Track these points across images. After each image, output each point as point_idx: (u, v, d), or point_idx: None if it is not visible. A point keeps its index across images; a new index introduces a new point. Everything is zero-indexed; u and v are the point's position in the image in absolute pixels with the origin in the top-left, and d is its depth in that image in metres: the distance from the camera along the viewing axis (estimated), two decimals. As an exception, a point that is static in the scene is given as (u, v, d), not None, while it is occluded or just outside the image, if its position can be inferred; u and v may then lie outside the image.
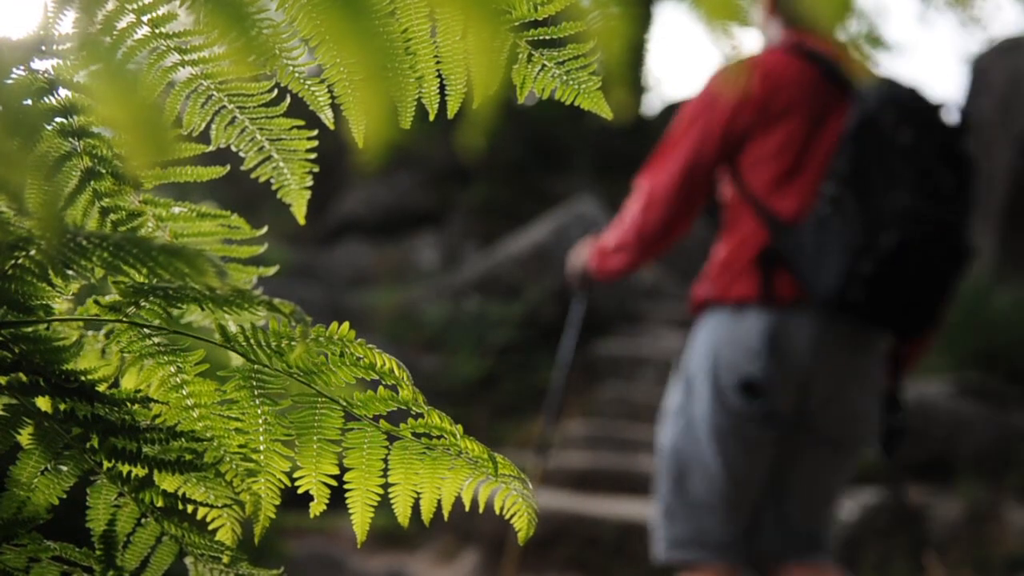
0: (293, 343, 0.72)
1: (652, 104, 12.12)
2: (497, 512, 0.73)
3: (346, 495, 0.74)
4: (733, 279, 2.18)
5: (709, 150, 2.15)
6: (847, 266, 2.00)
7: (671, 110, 11.71)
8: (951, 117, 2.08)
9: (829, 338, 2.12)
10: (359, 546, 0.74)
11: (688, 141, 2.17)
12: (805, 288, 2.07)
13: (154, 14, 0.70)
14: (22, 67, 0.69)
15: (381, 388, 0.74)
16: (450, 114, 0.72)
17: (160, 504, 0.72)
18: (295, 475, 0.74)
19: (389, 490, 0.74)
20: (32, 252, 0.67)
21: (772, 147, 2.12)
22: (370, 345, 0.73)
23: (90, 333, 0.78)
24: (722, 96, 2.13)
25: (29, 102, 0.70)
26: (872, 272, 1.98)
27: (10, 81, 0.68)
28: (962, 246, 2.05)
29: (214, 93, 0.74)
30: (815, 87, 2.12)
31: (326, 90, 0.73)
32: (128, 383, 0.76)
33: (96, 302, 0.74)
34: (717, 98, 2.16)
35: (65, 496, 0.72)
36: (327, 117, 0.75)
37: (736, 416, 2.16)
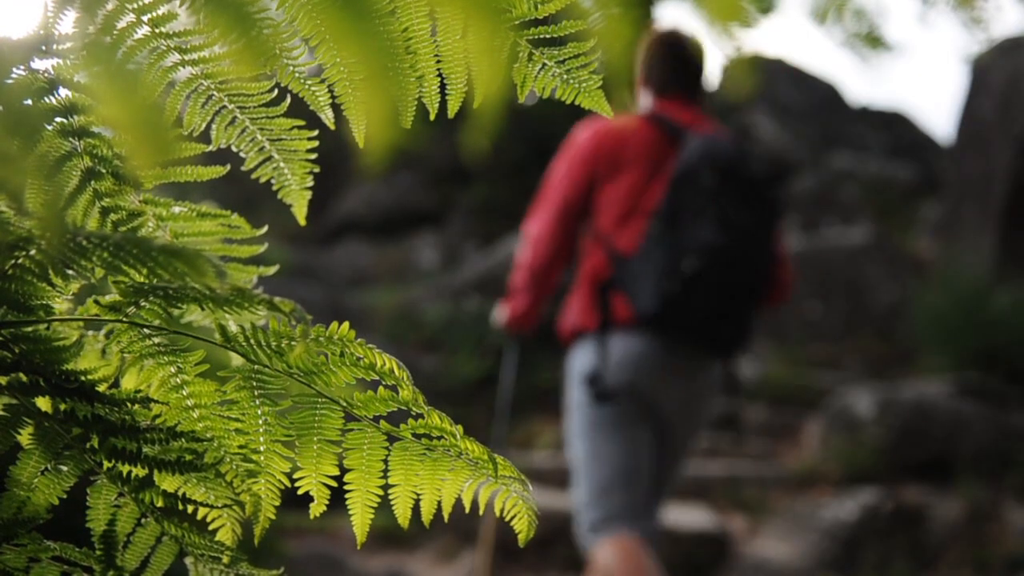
0: (293, 343, 0.72)
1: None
2: (497, 514, 0.73)
3: (346, 496, 0.74)
4: (587, 308, 2.60)
5: (576, 196, 2.60)
6: (658, 289, 2.41)
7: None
8: (761, 168, 2.52)
9: (655, 348, 2.50)
10: (359, 547, 0.74)
11: (560, 190, 2.62)
12: (634, 310, 2.48)
13: (154, 14, 0.70)
14: (22, 67, 0.69)
15: (381, 388, 0.73)
16: (451, 114, 0.72)
17: (160, 504, 0.72)
18: (295, 476, 0.74)
19: (389, 491, 0.74)
20: (32, 252, 0.67)
21: (618, 193, 2.55)
22: (370, 345, 0.73)
23: (90, 333, 0.78)
24: (583, 151, 2.61)
25: (29, 102, 0.70)
26: (675, 291, 2.39)
27: (10, 81, 0.68)
28: (754, 275, 2.47)
29: (214, 93, 0.74)
30: (656, 145, 2.58)
31: (326, 90, 0.73)
32: (128, 383, 0.76)
33: (96, 302, 0.74)
34: (580, 153, 2.62)
35: (65, 496, 0.72)
36: (327, 117, 0.75)
37: (596, 410, 2.58)
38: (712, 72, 2.74)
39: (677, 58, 2.65)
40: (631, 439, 2.57)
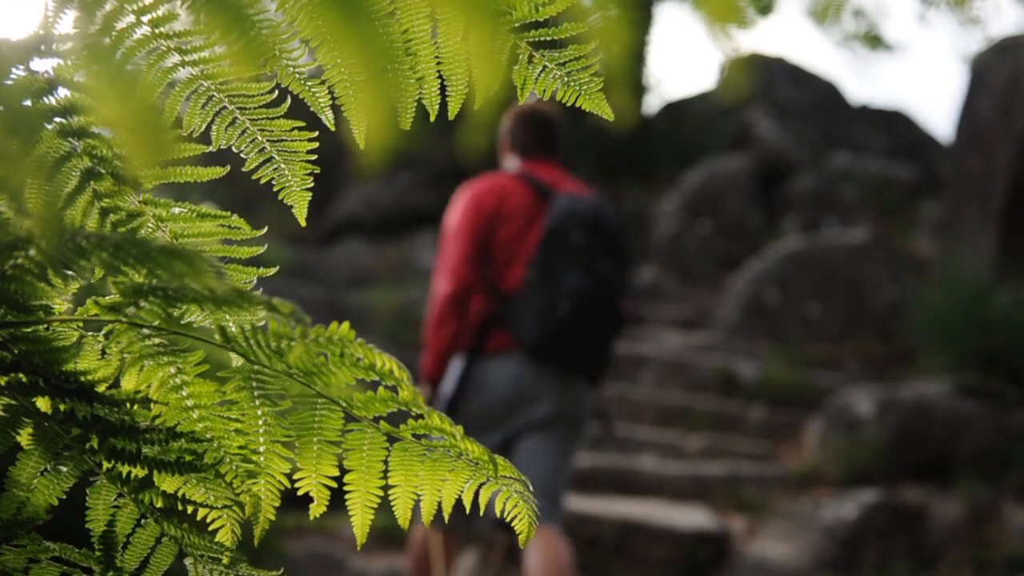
0: (292, 344, 0.72)
1: (652, 104, 12.10)
2: (497, 515, 0.73)
3: (346, 496, 0.74)
4: (468, 335, 3.08)
5: (472, 250, 3.05)
6: (538, 325, 2.96)
7: (672, 110, 11.71)
8: (617, 222, 3.09)
9: (535, 369, 3.04)
10: (359, 548, 0.74)
11: (458, 246, 3.06)
12: (515, 339, 3.03)
13: (154, 14, 0.70)
14: (22, 67, 0.69)
15: (381, 389, 0.73)
16: (451, 115, 0.72)
17: (160, 505, 0.72)
18: (295, 476, 0.74)
19: (389, 491, 0.74)
20: (32, 252, 0.67)
21: (500, 242, 3.06)
22: (370, 345, 0.73)
23: (90, 334, 0.78)
24: (469, 211, 3.07)
25: (29, 102, 0.70)
26: (554, 329, 2.95)
27: (10, 81, 0.68)
28: (616, 312, 3.03)
29: (215, 94, 0.74)
30: (528, 201, 3.08)
31: (327, 91, 0.73)
32: (128, 384, 0.76)
33: (96, 302, 0.74)
34: (467, 213, 3.08)
35: (65, 497, 0.72)
36: (328, 118, 0.75)
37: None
38: (563, 138, 3.28)
39: (537, 125, 3.18)
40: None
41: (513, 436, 3.09)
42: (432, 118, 0.73)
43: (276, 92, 0.75)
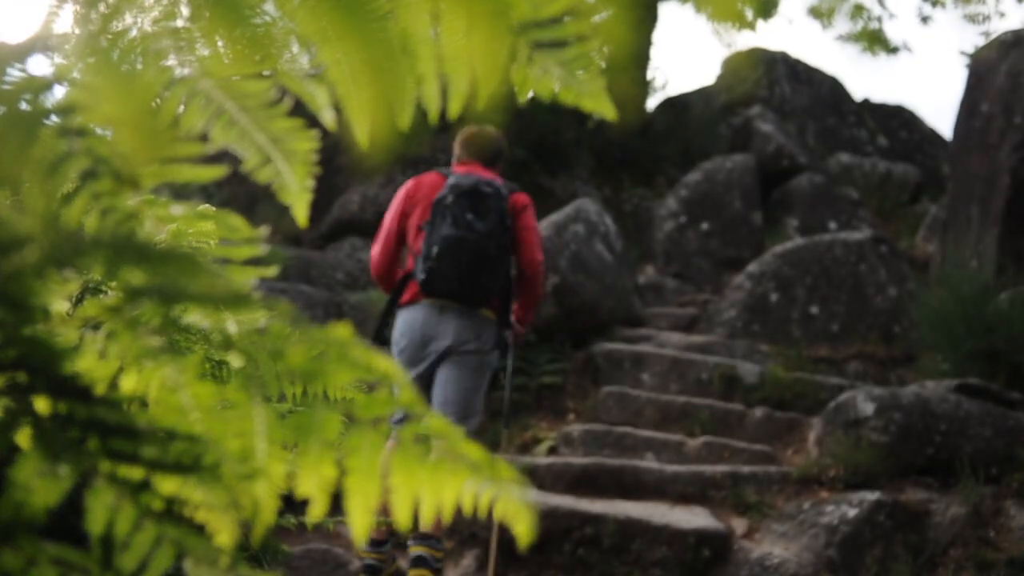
0: (292, 345, 0.72)
1: (653, 104, 12.09)
2: (497, 517, 0.72)
3: (346, 498, 0.73)
4: (399, 292, 4.10)
5: (395, 225, 4.15)
6: (422, 269, 3.92)
7: (673, 109, 11.69)
8: (489, 190, 4.00)
9: (434, 311, 3.96)
10: (358, 550, 0.74)
11: (389, 222, 4.17)
12: (419, 289, 3.98)
13: (154, 12, 0.69)
14: (21, 66, 0.69)
15: (381, 390, 0.73)
16: (452, 115, 0.71)
17: (159, 507, 0.72)
18: (295, 478, 0.74)
19: (389, 493, 0.74)
20: (31, 252, 0.67)
21: (415, 218, 4.10)
22: (370, 346, 0.72)
23: (89, 334, 0.78)
24: (398, 198, 4.20)
25: (27, 101, 0.70)
26: (430, 268, 3.89)
27: (9, 80, 0.68)
28: (481, 253, 3.92)
29: (214, 93, 0.74)
30: (437, 187, 4.11)
31: (326, 90, 0.72)
32: (127, 385, 0.75)
33: (95, 303, 0.74)
34: (397, 200, 4.19)
35: (63, 498, 0.71)
36: (328, 118, 0.74)
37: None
38: (503, 151, 4.40)
39: (468, 140, 4.24)
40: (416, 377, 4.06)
41: (431, 368, 3.97)
42: (433, 118, 0.73)
43: (276, 91, 0.74)
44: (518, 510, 0.72)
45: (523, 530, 0.72)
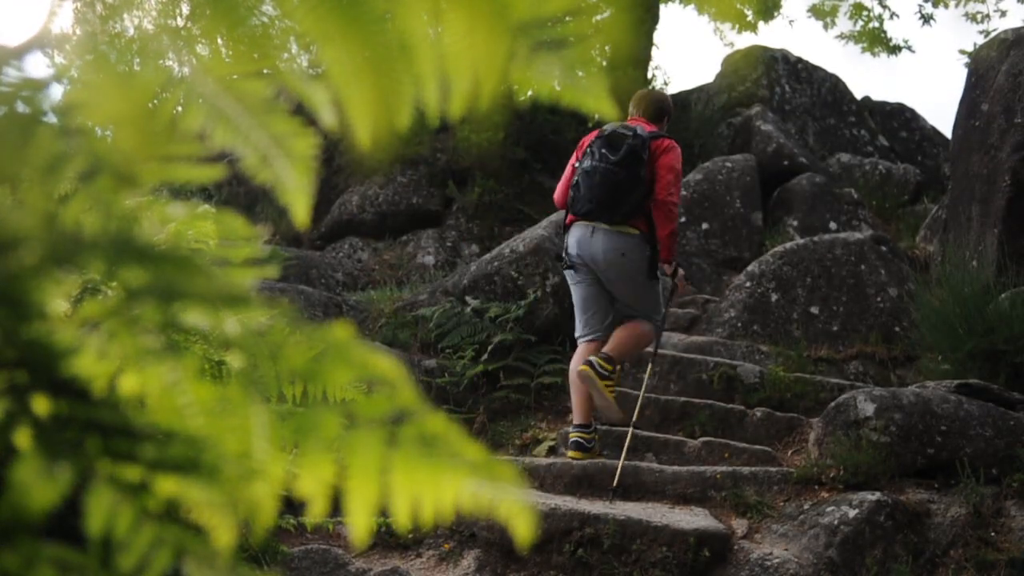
0: (292, 345, 0.72)
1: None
2: (497, 516, 0.72)
3: (346, 498, 0.73)
4: (565, 216, 5.19)
5: (569, 167, 5.15)
6: (573, 197, 5.05)
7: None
8: (626, 134, 4.94)
9: (587, 229, 5.00)
10: (359, 550, 0.74)
11: (568, 166, 5.18)
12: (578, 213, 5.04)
13: (154, 11, 0.69)
14: (20, 65, 0.69)
15: (381, 390, 0.73)
16: (453, 115, 0.71)
17: (158, 507, 0.72)
18: (295, 478, 0.73)
19: (389, 493, 0.74)
20: (30, 252, 0.66)
21: (574, 159, 5.11)
22: (370, 346, 0.72)
23: (89, 334, 0.78)
24: (577, 148, 5.19)
25: (25, 101, 0.70)
26: (573, 196, 5.02)
27: (8, 79, 0.67)
28: (612, 178, 4.88)
29: (214, 92, 0.74)
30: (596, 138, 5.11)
31: (326, 90, 0.72)
32: (127, 385, 0.75)
33: (95, 303, 0.74)
34: (576, 149, 5.21)
35: (62, 498, 0.71)
36: (327, 118, 0.74)
37: (570, 269, 5.20)
38: (666, 108, 5.22)
39: (638, 100, 5.26)
40: (584, 285, 5.16)
41: (597, 277, 5.04)
42: (433, 117, 0.72)
43: (276, 91, 0.74)
44: (518, 511, 0.72)
45: (523, 530, 0.72)
